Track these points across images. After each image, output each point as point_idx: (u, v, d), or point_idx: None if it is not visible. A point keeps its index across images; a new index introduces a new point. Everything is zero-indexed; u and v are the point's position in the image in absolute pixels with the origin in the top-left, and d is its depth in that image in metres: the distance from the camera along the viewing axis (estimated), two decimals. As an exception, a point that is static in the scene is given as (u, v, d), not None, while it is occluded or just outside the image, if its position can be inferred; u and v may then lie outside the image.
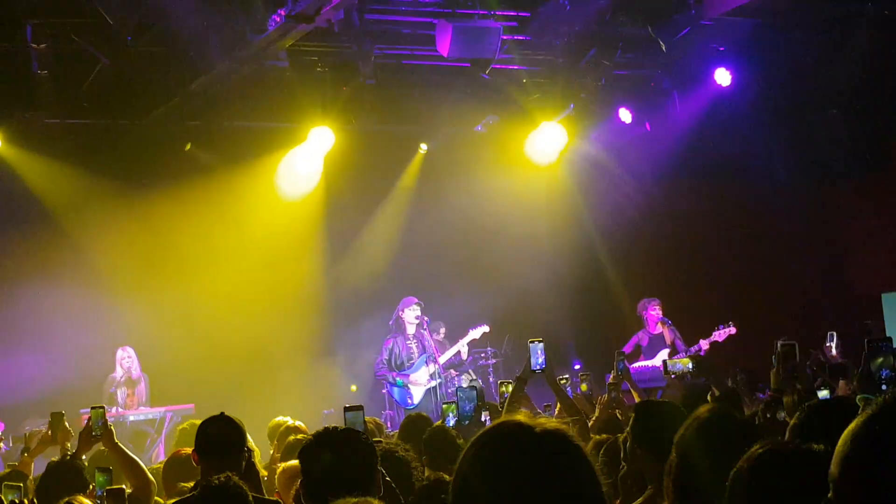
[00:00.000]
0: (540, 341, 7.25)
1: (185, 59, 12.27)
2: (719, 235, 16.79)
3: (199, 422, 5.83)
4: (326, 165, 15.10)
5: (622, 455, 5.11)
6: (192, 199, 14.64)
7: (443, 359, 13.79)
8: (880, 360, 6.07)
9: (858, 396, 6.54)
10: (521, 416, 2.21)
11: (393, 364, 13.59)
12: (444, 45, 11.36)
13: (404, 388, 13.55)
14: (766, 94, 14.75)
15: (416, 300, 13.74)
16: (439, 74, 13.68)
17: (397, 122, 15.18)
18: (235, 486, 4.82)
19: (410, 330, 13.64)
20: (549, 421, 2.19)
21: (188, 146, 14.36)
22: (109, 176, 14.07)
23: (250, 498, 4.82)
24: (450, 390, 13.55)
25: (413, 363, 13.56)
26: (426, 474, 6.15)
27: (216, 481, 4.83)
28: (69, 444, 7.49)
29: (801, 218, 17.13)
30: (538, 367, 7.25)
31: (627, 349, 13.83)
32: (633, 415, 5.01)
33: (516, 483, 2.07)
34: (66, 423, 7.60)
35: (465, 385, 13.16)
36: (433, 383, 13.55)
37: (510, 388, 8.02)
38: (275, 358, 14.89)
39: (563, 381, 8.88)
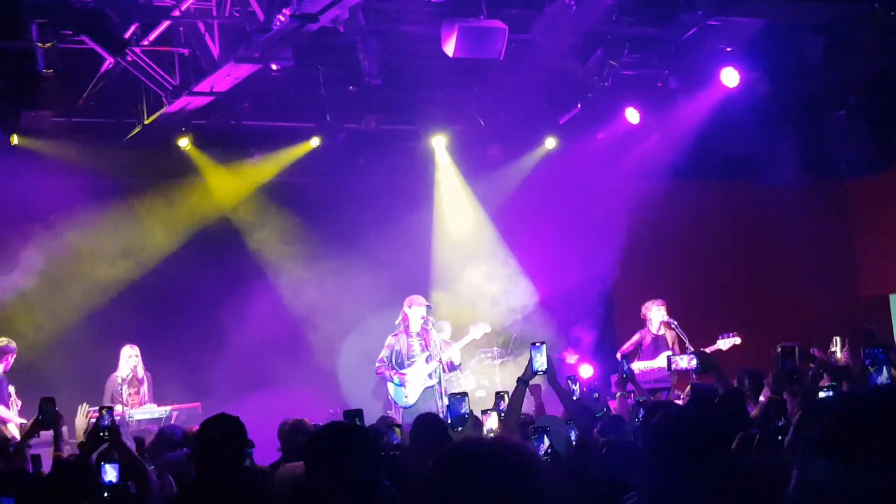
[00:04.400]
0: (542, 343, 7.29)
1: (191, 58, 12.30)
2: (726, 236, 16.77)
3: None
4: (334, 164, 15.18)
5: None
6: (195, 198, 14.78)
7: (445, 356, 13.69)
8: (877, 366, 6.08)
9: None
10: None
11: (394, 362, 13.53)
12: (449, 45, 11.35)
13: (401, 386, 13.52)
14: (773, 94, 14.71)
15: (423, 299, 13.72)
16: (446, 74, 13.68)
17: (404, 121, 15.17)
18: (253, 477, 4.90)
19: (415, 328, 13.58)
20: (503, 437, 2.24)
21: (187, 144, 14.36)
22: (112, 173, 14.18)
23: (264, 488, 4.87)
24: (455, 389, 13.51)
25: (413, 361, 13.52)
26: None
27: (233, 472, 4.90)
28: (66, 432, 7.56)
29: (808, 219, 17.13)
30: (540, 370, 7.29)
31: (629, 348, 13.80)
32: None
33: (459, 494, 2.11)
34: (57, 408, 7.63)
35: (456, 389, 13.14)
36: (431, 382, 13.48)
37: (506, 397, 8.05)
38: (283, 355, 14.92)
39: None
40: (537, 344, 7.31)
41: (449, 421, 7.28)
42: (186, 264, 14.67)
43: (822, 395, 7.32)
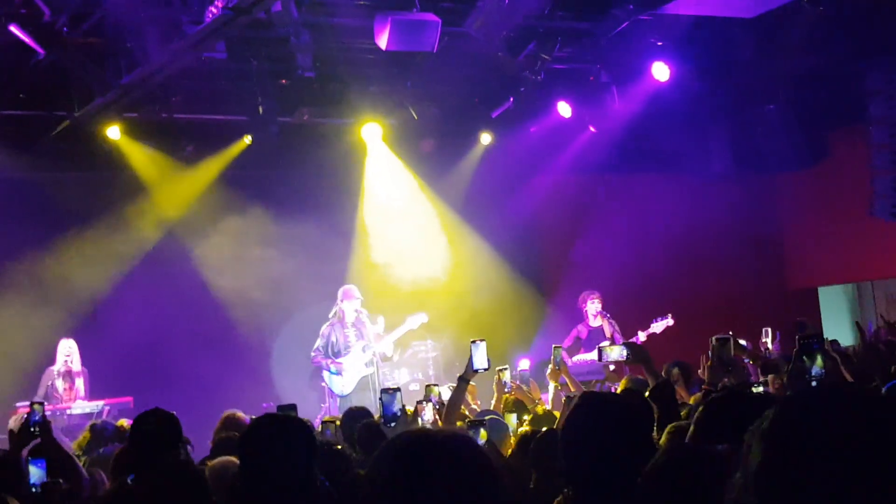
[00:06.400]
0: (482, 341, 7.27)
1: (123, 50, 12.16)
2: (657, 229, 16.91)
3: None
4: (268, 158, 15.08)
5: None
6: (124, 192, 14.65)
7: (379, 347, 13.71)
8: (811, 357, 6.15)
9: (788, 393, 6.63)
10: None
11: (329, 351, 13.56)
12: (382, 38, 11.35)
13: (337, 375, 13.53)
14: (703, 88, 14.88)
15: (356, 292, 13.72)
16: (379, 67, 13.67)
17: (337, 114, 15.10)
18: (196, 470, 4.91)
19: (350, 318, 13.62)
20: (450, 428, 2.21)
21: (118, 135, 14.10)
22: (43, 168, 14.01)
23: (209, 485, 4.87)
24: (388, 382, 13.59)
25: (350, 351, 13.54)
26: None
27: (176, 465, 4.91)
28: None
29: (738, 212, 17.30)
30: (480, 368, 7.28)
31: (567, 343, 13.91)
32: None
33: (415, 487, 2.10)
34: None
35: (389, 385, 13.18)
36: (369, 371, 13.52)
37: (434, 389, 8.08)
38: (215, 350, 14.82)
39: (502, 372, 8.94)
40: (477, 341, 7.29)
41: (381, 417, 7.26)
42: (116, 259, 14.53)
43: (755, 390, 7.41)
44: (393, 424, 6.73)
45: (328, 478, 5.02)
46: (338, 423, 8.51)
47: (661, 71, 14.00)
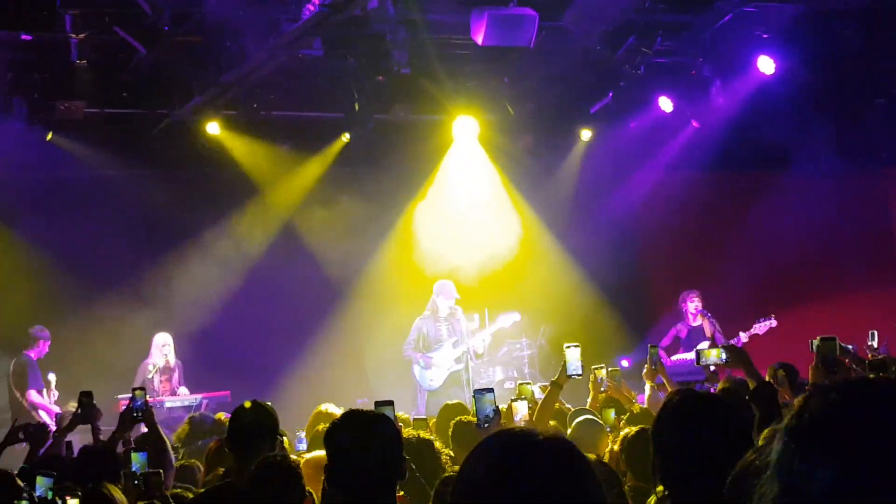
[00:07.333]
0: (576, 346, 7.17)
1: (222, 48, 12.29)
2: (762, 228, 16.57)
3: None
4: (364, 155, 15.14)
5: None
6: (227, 188, 14.81)
7: (473, 343, 13.66)
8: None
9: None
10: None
11: (420, 345, 13.56)
12: (479, 34, 11.26)
13: (426, 369, 13.52)
14: (810, 82, 14.50)
15: (452, 289, 13.67)
16: (475, 62, 13.60)
17: (433, 111, 15.06)
18: (292, 464, 4.97)
19: (443, 313, 13.59)
20: (552, 431, 2.11)
21: (217, 130, 14.24)
22: (144, 165, 14.25)
23: (303, 478, 4.92)
24: (482, 380, 13.55)
25: (441, 345, 13.51)
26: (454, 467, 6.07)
27: (273, 458, 4.97)
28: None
29: (846, 209, 16.89)
30: (574, 373, 7.18)
31: (666, 342, 13.69)
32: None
33: (514, 489, 2.01)
34: (95, 402, 7.77)
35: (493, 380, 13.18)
36: (459, 366, 13.47)
37: (526, 389, 7.96)
38: (314, 344, 14.92)
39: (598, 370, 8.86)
40: (571, 346, 7.18)
41: (476, 417, 7.18)
42: (215, 255, 14.73)
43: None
44: (487, 425, 6.66)
45: (418, 469, 4.98)
46: (431, 422, 8.47)
47: (766, 64, 13.67)
